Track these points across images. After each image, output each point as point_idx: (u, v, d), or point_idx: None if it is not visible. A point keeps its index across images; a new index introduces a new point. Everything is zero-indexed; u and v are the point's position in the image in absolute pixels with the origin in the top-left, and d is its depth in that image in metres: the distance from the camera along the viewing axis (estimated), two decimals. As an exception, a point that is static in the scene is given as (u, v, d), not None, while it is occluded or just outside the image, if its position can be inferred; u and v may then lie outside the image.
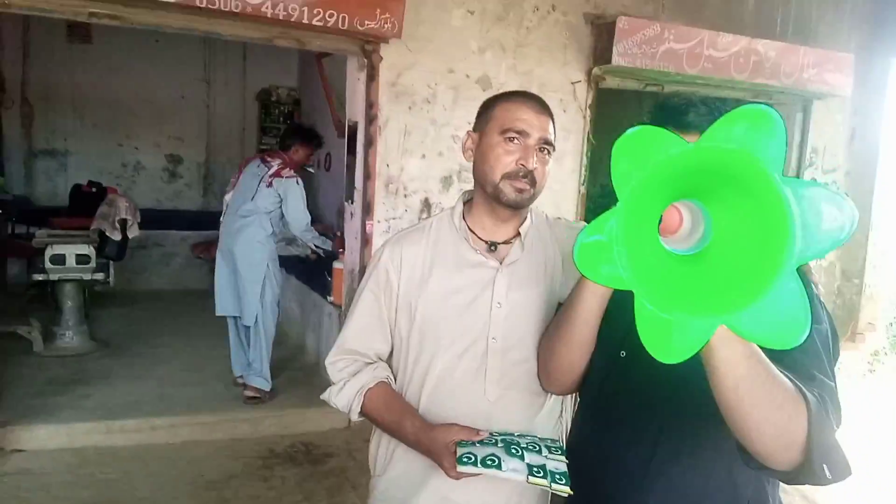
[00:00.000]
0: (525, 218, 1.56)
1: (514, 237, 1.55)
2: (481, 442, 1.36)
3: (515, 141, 1.45)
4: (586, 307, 1.24)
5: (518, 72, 4.50)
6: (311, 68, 7.12)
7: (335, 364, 1.59)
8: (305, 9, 3.70)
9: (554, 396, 1.54)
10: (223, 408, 4.24)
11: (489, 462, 1.29)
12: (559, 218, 1.67)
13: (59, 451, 3.70)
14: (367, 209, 4.26)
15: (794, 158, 5.59)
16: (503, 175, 1.46)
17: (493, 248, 1.55)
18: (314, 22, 3.74)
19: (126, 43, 7.37)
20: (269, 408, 4.31)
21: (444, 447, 1.37)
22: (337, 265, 4.69)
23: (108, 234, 4.91)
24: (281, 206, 4.36)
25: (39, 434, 3.73)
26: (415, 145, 4.34)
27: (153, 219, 7.11)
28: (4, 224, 6.33)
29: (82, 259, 4.86)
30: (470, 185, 1.58)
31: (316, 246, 4.74)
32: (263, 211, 4.32)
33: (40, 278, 4.85)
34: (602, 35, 4.62)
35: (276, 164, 4.40)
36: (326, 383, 1.61)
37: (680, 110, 1.28)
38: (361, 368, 1.57)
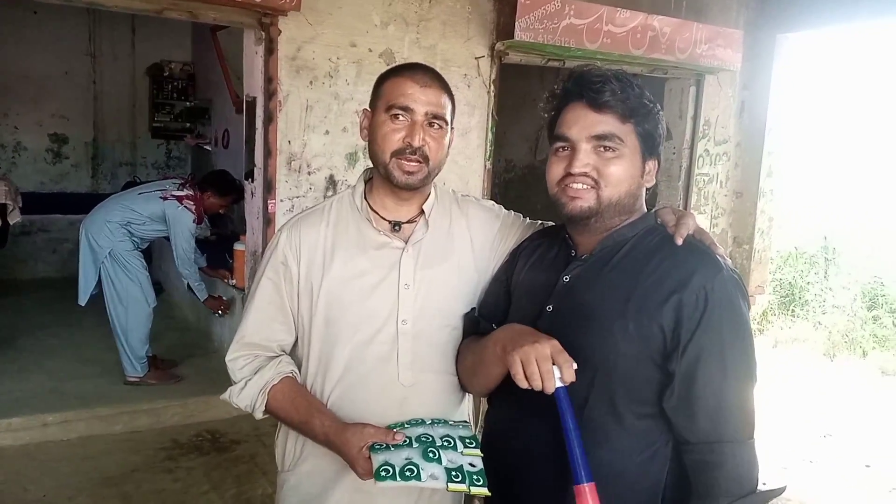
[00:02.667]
0: (428, 195, 1.52)
1: (419, 215, 1.51)
2: (414, 472, 1.28)
3: (401, 118, 1.39)
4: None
5: (422, 46, 4.44)
6: (205, 41, 6.79)
7: (236, 361, 1.50)
8: (197, -22, 3.50)
9: None
10: (121, 399, 4.05)
11: (408, 473, 1.25)
12: (467, 195, 1.63)
13: (-63, 455, 3.44)
14: (269, 187, 4.11)
15: (689, 130, 5.79)
16: (392, 153, 1.41)
17: (396, 227, 1.49)
18: (207, -8, 3.56)
19: (1, 14, 6.83)
20: (172, 396, 4.14)
21: (358, 452, 1.31)
22: (238, 246, 4.54)
23: (-15, 220, 4.55)
24: (156, 224, 4.31)
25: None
26: (317, 121, 4.21)
27: (37, 202, 6.68)
28: None
29: (-44, 247, 4.49)
30: None
31: (188, 285, 4.56)
32: (133, 208, 4.26)
33: None
34: (504, 10, 4.60)
35: (184, 191, 4.37)
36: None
37: (595, 88, 1.29)
38: (264, 364, 1.48)
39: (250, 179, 4.25)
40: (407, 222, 1.50)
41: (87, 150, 7.69)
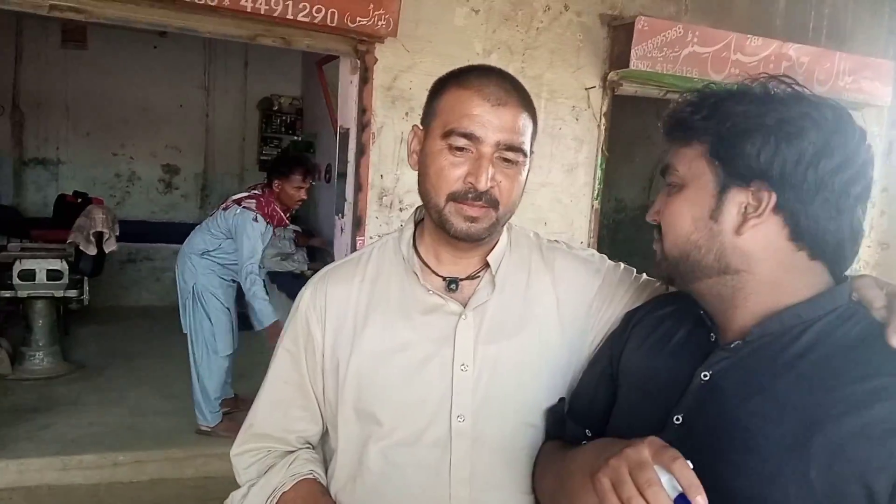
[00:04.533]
0: (496, 242, 1.13)
1: (483, 269, 1.12)
2: None
3: (463, 148, 1.01)
4: None
5: (527, 76, 4.10)
6: (313, 76, 6.78)
7: (241, 457, 1.17)
8: (290, 3, 3.33)
9: None
10: (196, 441, 3.86)
11: None
12: (555, 241, 1.21)
13: (8, 489, 3.33)
14: (358, 223, 3.87)
15: (828, 174, 5.16)
16: (448, 196, 1.03)
17: (453, 286, 1.10)
18: (300, 17, 3.38)
19: (122, 48, 7.08)
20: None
21: None
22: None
23: (81, 247, 4.55)
24: (230, 242, 3.91)
25: (-13, 470, 3.36)
26: (412, 155, 3.95)
27: (146, 231, 6.81)
28: (-14, 235, 6.00)
29: (54, 275, 4.51)
30: None
31: (253, 305, 3.86)
32: (207, 231, 3.99)
33: (7, 295, 4.49)
34: (619, 37, 4.22)
35: (246, 193, 4.03)
36: None
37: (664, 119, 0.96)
38: (276, 462, 1.14)
39: (340, 215, 4.03)
40: (466, 279, 1.12)
41: (197, 182, 7.82)
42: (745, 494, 0.81)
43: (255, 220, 3.86)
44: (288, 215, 4.23)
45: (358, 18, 3.49)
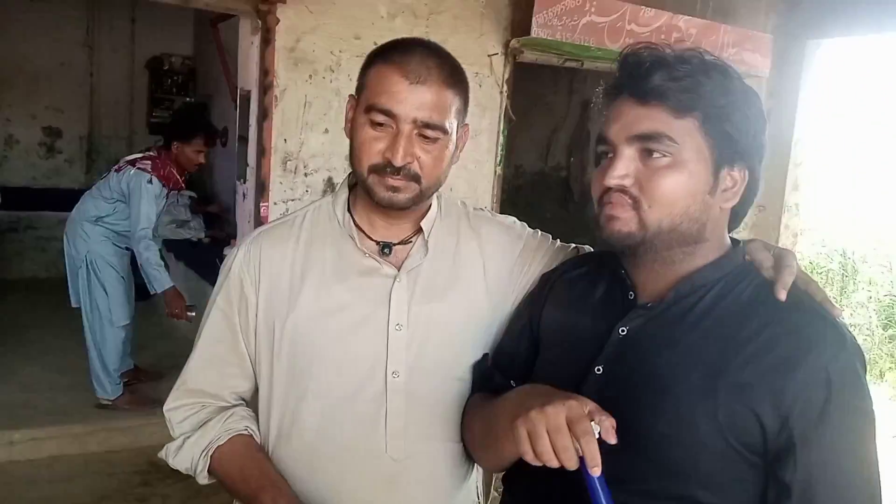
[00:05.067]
0: (428, 208, 1.17)
1: (415, 234, 1.17)
2: None
3: (383, 124, 1.05)
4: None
5: (431, 40, 4.12)
6: (207, 34, 6.52)
7: (176, 412, 1.19)
8: (189, -40, 3.21)
9: None
10: (97, 416, 3.75)
11: None
12: (480, 209, 1.28)
13: None
14: (262, 189, 3.81)
15: (713, 140, 5.48)
16: (370, 168, 1.07)
17: (386, 250, 1.15)
18: (198, -25, 3.27)
19: (-6, 1, 6.56)
20: (151, 414, 3.82)
21: None
22: (228, 251, 4.22)
23: (-42, 216, 4.25)
24: (124, 206, 3.77)
25: None
26: (316, 118, 3.91)
27: (28, 198, 6.41)
28: None
29: (-73, 246, 4.20)
30: None
31: (145, 271, 3.76)
32: (98, 195, 3.83)
33: None
34: (520, 5, 4.30)
35: (140, 155, 3.92)
36: None
37: (641, 74, 0.95)
38: (211, 417, 1.16)
39: (242, 180, 3.95)
40: (400, 243, 1.16)
41: (82, 145, 7.39)
42: (661, 433, 0.92)
43: (150, 182, 3.74)
44: (183, 178, 4.12)
45: (260, -23, 3.40)
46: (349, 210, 1.17)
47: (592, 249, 1.23)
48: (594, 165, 1.03)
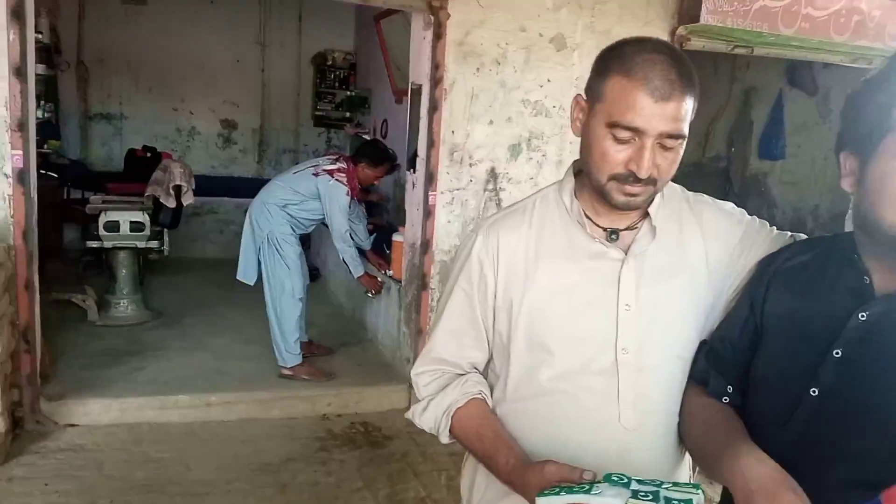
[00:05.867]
0: (653, 196, 1.22)
1: (641, 220, 1.23)
2: (585, 487, 0.99)
3: (627, 140, 1.10)
4: None
5: (596, 31, 4.14)
6: (368, 30, 6.83)
7: (421, 376, 1.33)
8: (369, -39, 3.42)
9: None
10: (280, 384, 4.09)
11: (577, 489, 0.97)
12: (701, 195, 1.32)
13: (112, 426, 3.59)
14: (431, 178, 4.00)
15: None
16: (610, 177, 1.13)
17: (614, 236, 1.22)
18: (383, -24, 3.46)
19: (180, 4, 7.21)
20: (327, 385, 4.13)
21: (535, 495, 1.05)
22: (397, 238, 4.46)
23: (162, 200, 4.76)
24: (312, 202, 4.25)
25: (93, 409, 3.61)
26: (482, 110, 4.04)
27: (207, 185, 6.99)
28: (60, 189, 6.25)
29: (136, 226, 4.74)
30: (543, 152, 1.23)
31: (345, 261, 4.41)
32: (290, 187, 4.25)
33: (94, 245, 4.73)
34: (689, -9, 4.21)
35: (336, 164, 4.28)
36: (384, 360, 1.37)
37: None
38: (450, 382, 1.30)
39: (412, 170, 4.15)
40: (626, 229, 1.23)
41: (255, 137, 8.00)
42: None
43: (347, 194, 4.24)
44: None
45: (435, -24, 3.55)
46: (576, 197, 1.26)
47: (805, 237, 1.25)
48: (874, 162, 1.00)
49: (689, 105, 1.11)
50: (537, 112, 4.14)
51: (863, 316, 1.01)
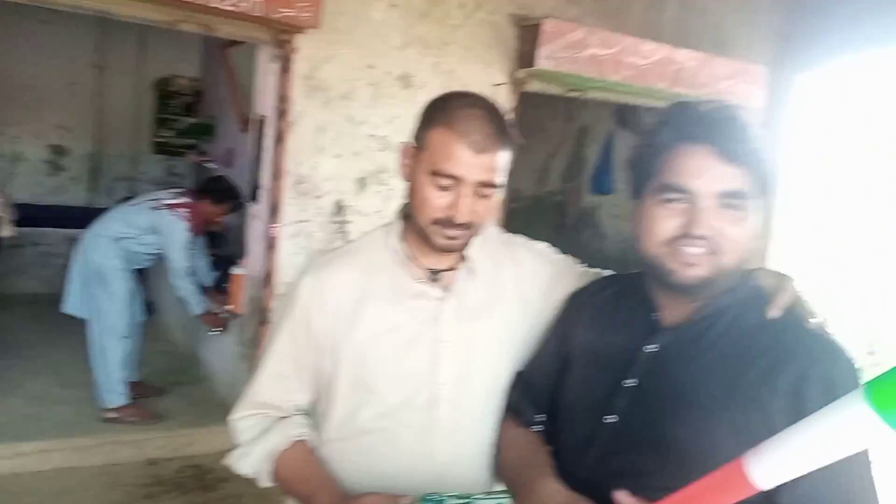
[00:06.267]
0: (471, 238, 1.29)
1: (459, 261, 1.29)
2: None
3: (447, 187, 1.16)
4: None
5: (441, 70, 4.26)
6: (215, 57, 6.65)
7: (242, 421, 1.30)
8: (214, -9, 3.32)
9: None
10: (103, 428, 3.80)
11: None
12: (515, 236, 1.42)
13: None
14: (274, 210, 3.91)
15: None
16: (432, 220, 1.19)
17: (435, 276, 1.28)
18: (223, 6, 3.37)
19: (7, 21, 6.67)
20: (156, 427, 3.87)
21: None
22: (237, 270, 4.30)
23: (-27, 231, 4.32)
24: (149, 237, 4.05)
25: None
26: (329, 143, 4.02)
27: (32, 215, 6.44)
28: None
29: (-58, 260, 4.26)
30: (390, 186, 1.28)
31: (185, 299, 4.21)
32: (125, 220, 4.06)
33: None
34: (527, 37, 4.44)
35: (178, 199, 4.13)
36: (220, 398, 1.33)
37: (726, 133, 1.03)
38: (273, 425, 1.28)
39: (255, 201, 4.04)
40: (447, 269, 1.29)
41: (87, 163, 7.49)
42: (684, 438, 1.03)
43: (189, 230, 4.08)
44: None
45: (281, 9, 3.51)
46: (402, 240, 1.30)
47: (611, 272, 1.34)
48: (649, 205, 1.10)
49: (503, 157, 1.19)
50: (384, 147, 4.17)
51: (651, 348, 1.09)
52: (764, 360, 1.01)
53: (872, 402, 0.72)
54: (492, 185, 1.19)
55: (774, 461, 0.82)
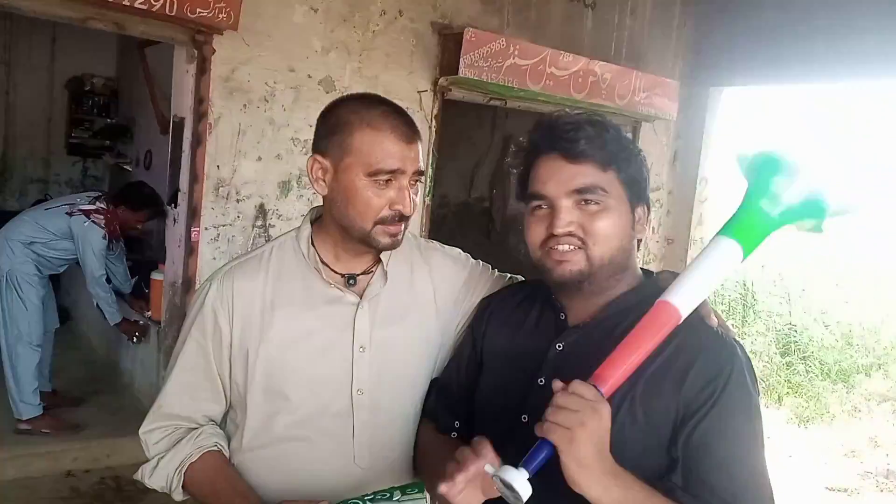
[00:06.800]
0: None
1: (375, 265, 1.30)
2: None
3: (386, 184, 1.19)
4: None
5: (363, 76, 4.29)
6: (131, 57, 6.47)
7: (151, 434, 1.27)
8: (127, -12, 3.26)
9: None
10: (16, 440, 3.66)
11: None
12: (430, 241, 1.44)
13: None
14: (194, 214, 3.85)
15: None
16: (376, 221, 1.20)
17: (351, 281, 1.28)
18: (136, 4, 3.30)
19: None
20: (73, 438, 3.77)
21: None
22: (156, 276, 4.22)
23: None
24: (63, 242, 3.93)
25: None
26: (249, 146, 3.99)
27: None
28: None
29: None
30: (313, 190, 1.27)
31: (100, 307, 4.09)
32: (38, 224, 3.91)
33: None
34: (449, 45, 4.52)
35: (94, 205, 4.00)
36: (141, 407, 1.32)
37: (568, 137, 1.13)
38: (183, 436, 1.26)
39: (173, 205, 3.98)
40: (361, 274, 1.29)
41: (-5, 165, 7.17)
42: None
43: (104, 237, 3.97)
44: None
45: (198, 9, 3.47)
46: (313, 244, 1.28)
47: (522, 279, 1.42)
48: (526, 215, 1.20)
49: (421, 146, 1.24)
50: (307, 150, 4.16)
51: (559, 346, 1.17)
52: (663, 355, 1.10)
53: (732, 235, 1.03)
54: (421, 173, 1.23)
55: (685, 291, 1.03)
